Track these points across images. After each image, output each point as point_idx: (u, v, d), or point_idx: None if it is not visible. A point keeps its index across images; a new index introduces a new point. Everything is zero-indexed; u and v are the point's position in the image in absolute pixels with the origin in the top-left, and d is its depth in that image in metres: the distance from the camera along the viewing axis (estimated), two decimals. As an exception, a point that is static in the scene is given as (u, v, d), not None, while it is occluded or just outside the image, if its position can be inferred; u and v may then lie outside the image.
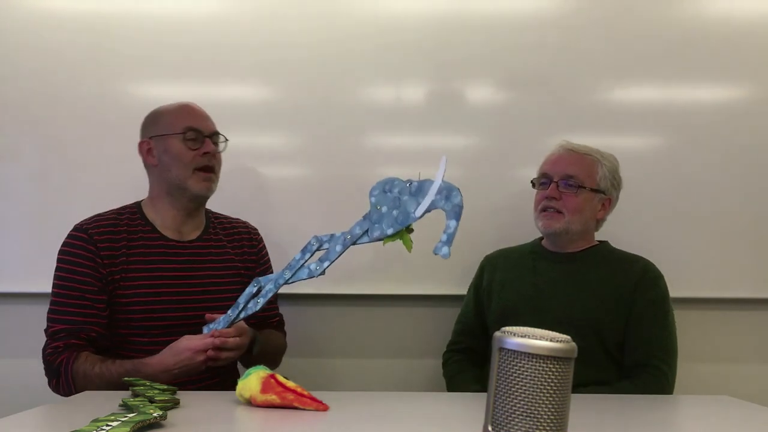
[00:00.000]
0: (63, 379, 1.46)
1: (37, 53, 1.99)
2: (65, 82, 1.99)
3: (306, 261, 1.30)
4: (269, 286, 1.34)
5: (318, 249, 1.29)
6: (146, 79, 2.02)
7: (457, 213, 1.17)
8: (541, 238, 1.83)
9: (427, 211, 1.20)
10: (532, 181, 1.79)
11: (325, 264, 1.28)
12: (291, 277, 1.31)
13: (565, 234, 1.72)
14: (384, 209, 1.23)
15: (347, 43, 2.02)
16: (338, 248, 1.28)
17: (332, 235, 1.29)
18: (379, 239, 1.24)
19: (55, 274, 1.55)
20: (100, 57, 1.99)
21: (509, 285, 1.79)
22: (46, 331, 1.52)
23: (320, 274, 1.29)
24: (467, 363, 1.84)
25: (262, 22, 2.01)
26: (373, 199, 1.25)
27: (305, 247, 1.30)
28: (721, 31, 2.04)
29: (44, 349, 1.51)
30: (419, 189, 1.21)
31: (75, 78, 1.99)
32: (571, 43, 2.04)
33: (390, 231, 1.22)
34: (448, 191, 1.19)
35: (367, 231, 1.25)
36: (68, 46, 1.99)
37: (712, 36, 2.04)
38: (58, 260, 1.56)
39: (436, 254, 1.17)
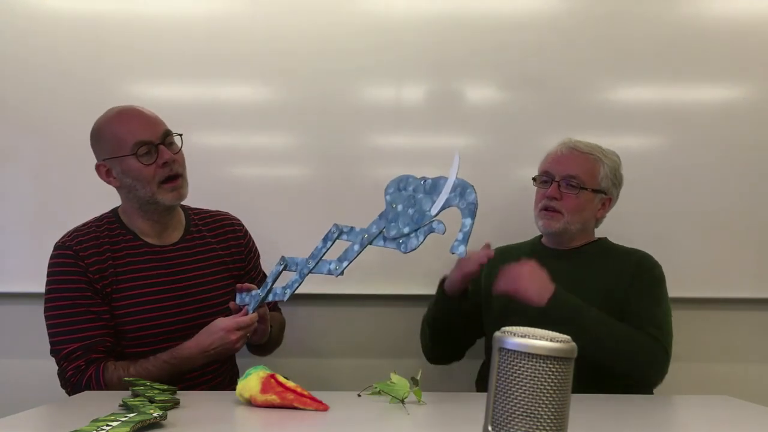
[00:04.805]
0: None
1: (37, 53, 1.99)
2: (65, 82, 1.99)
3: (328, 249, 1.30)
4: (294, 277, 1.34)
5: (338, 237, 1.29)
6: (146, 79, 2.01)
7: (471, 211, 1.17)
8: (541, 236, 1.83)
9: (443, 208, 1.20)
10: (533, 178, 1.79)
11: (344, 264, 1.29)
12: (314, 267, 1.32)
13: (564, 233, 1.73)
14: (399, 207, 1.23)
15: (347, 43, 2.01)
16: (356, 248, 1.27)
17: (352, 228, 1.29)
18: (396, 238, 1.23)
19: (49, 297, 1.49)
20: (100, 57, 1.99)
21: None
22: (56, 354, 1.46)
23: (339, 275, 1.30)
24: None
25: (262, 23, 2.01)
26: (388, 197, 1.24)
27: (326, 236, 1.30)
28: (721, 31, 2.04)
29: (62, 373, 1.46)
30: (434, 186, 1.21)
31: (74, 78, 1.99)
32: (571, 43, 2.03)
33: (406, 230, 1.21)
34: (462, 188, 1.19)
35: (383, 230, 1.24)
36: (68, 46, 1.99)
37: (712, 36, 2.03)
38: (50, 282, 1.50)
39: (453, 253, 1.17)
